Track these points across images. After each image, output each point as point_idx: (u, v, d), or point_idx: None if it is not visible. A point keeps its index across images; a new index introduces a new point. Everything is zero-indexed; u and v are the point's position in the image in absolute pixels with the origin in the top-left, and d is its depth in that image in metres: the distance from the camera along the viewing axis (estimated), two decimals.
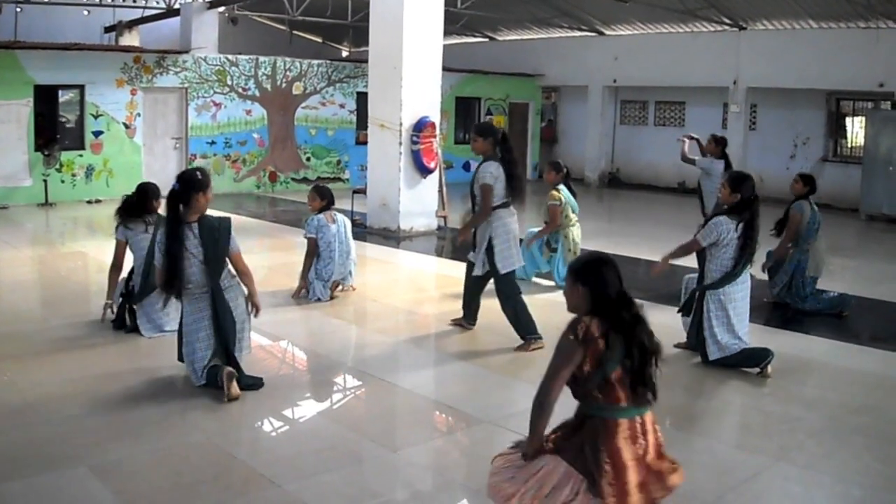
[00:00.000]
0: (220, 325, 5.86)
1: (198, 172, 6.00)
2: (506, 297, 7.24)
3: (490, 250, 7.14)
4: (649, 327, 3.52)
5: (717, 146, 9.74)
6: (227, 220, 6.01)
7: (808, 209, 8.61)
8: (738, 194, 6.58)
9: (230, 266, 5.99)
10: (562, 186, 9.45)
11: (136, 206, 7.50)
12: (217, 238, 5.84)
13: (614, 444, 3.42)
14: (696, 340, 6.85)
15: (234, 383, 5.74)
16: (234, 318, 5.92)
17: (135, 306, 7.40)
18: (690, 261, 8.40)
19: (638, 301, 3.55)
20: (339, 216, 8.99)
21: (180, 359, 6.12)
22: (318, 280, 8.78)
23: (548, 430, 3.55)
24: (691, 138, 10.40)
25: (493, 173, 7.11)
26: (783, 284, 8.76)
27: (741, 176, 6.76)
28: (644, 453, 3.48)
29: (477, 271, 7.31)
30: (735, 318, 6.64)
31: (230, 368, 5.78)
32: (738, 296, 6.67)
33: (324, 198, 8.95)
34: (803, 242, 8.63)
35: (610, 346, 3.39)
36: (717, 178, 9.06)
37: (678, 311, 7.17)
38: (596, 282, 3.50)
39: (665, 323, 8.25)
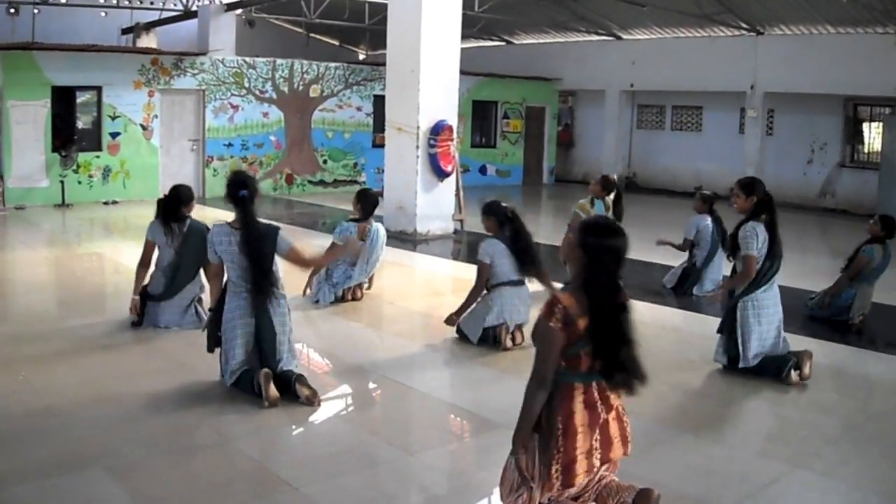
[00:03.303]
0: (258, 328, 5.79)
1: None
2: None
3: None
4: (630, 316, 3.50)
5: (705, 203, 9.81)
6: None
7: (878, 255, 8.41)
8: (754, 197, 6.55)
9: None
10: (598, 201, 9.15)
11: (168, 209, 7.52)
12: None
13: (569, 408, 3.49)
14: (725, 347, 6.71)
15: (272, 385, 5.61)
16: (273, 325, 5.81)
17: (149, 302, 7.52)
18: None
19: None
20: (375, 229, 8.85)
21: (210, 349, 6.02)
22: (327, 282, 8.72)
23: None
24: (664, 243, 10.15)
25: (488, 251, 7.21)
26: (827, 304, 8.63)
27: (752, 180, 6.74)
28: (601, 419, 3.52)
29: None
30: (766, 326, 6.56)
31: (266, 369, 5.66)
32: (769, 303, 6.57)
33: (359, 202, 8.83)
34: (856, 282, 8.47)
35: (590, 327, 3.39)
36: (707, 234, 9.53)
37: (718, 332, 6.86)
38: (595, 252, 3.44)
39: (683, 328, 8.26)
